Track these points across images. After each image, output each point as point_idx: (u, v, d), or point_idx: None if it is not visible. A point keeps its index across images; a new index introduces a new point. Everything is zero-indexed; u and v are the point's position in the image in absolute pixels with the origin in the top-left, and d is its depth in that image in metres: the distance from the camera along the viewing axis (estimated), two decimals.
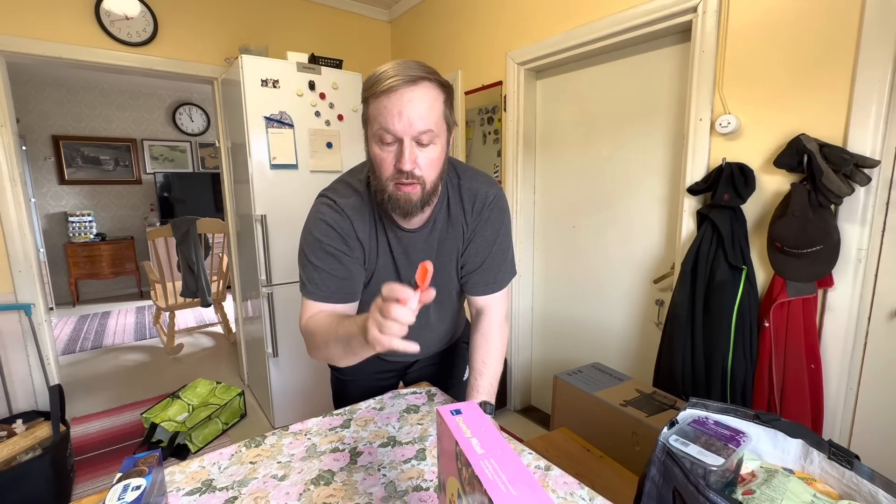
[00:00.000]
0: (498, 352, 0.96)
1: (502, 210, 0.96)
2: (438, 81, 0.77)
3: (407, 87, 0.73)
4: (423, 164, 0.78)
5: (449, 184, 0.92)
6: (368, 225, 0.90)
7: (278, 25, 2.77)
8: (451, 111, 0.82)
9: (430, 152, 0.78)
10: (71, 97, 4.84)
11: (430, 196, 0.82)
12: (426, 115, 0.75)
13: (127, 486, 0.62)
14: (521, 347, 2.51)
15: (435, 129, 0.76)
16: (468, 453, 0.43)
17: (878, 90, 1.18)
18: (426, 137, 0.76)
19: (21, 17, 2.08)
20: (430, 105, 0.75)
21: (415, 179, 0.78)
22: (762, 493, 0.61)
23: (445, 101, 0.79)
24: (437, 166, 0.81)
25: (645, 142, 1.87)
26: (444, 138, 0.81)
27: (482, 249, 0.95)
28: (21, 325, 2.21)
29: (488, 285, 0.97)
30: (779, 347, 1.38)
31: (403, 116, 0.74)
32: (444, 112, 0.79)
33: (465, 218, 0.93)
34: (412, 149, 0.76)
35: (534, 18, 2.13)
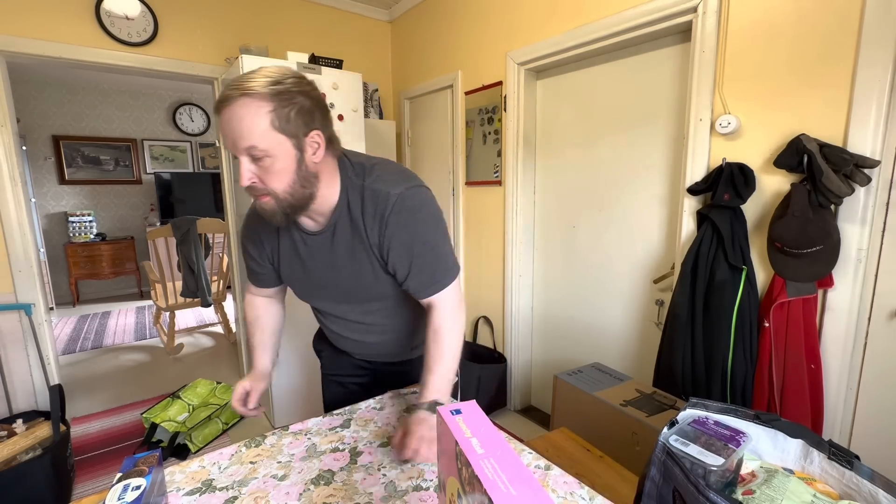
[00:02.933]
0: (448, 347, 0.91)
1: (413, 209, 0.87)
2: (264, 93, 0.73)
3: (225, 107, 0.74)
4: (263, 178, 0.78)
5: (350, 186, 0.88)
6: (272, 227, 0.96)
7: (278, 25, 2.77)
8: (300, 115, 0.77)
9: (266, 165, 0.76)
10: (71, 97, 4.83)
11: (292, 206, 0.82)
12: (245, 133, 0.73)
13: (127, 486, 0.62)
14: (521, 347, 2.51)
15: (260, 143, 0.74)
16: (468, 453, 0.43)
17: (879, 90, 1.18)
18: (255, 153, 0.75)
19: (21, 17, 2.08)
20: (249, 121, 0.73)
21: (261, 192, 0.79)
22: (762, 493, 0.61)
23: (275, 109, 0.74)
24: (283, 178, 0.78)
25: (645, 142, 1.87)
26: (286, 148, 0.77)
27: (404, 255, 0.89)
28: (21, 324, 2.21)
29: (428, 288, 0.91)
30: (779, 347, 1.38)
31: (228, 137, 0.75)
32: (274, 122, 0.74)
33: (364, 221, 0.88)
34: (246, 165, 0.76)
35: (534, 18, 2.13)
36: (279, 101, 0.74)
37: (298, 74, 0.79)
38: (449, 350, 0.91)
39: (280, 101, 0.74)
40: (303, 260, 0.96)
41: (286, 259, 0.99)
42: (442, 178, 2.90)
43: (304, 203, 0.84)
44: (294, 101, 0.76)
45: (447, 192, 2.85)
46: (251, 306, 1.10)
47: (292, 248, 0.96)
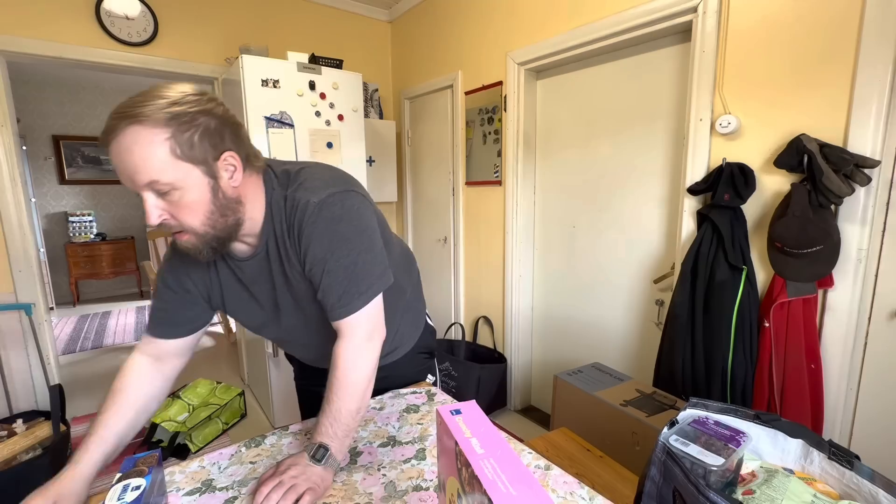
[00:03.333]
0: (343, 386, 0.77)
1: (332, 219, 0.76)
2: (157, 118, 0.62)
3: (112, 140, 0.63)
4: (174, 213, 0.67)
5: (274, 200, 0.79)
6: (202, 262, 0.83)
7: (278, 25, 2.77)
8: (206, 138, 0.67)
9: (174, 199, 0.66)
10: (71, 97, 4.84)
11: (217, 239, 0.72)
12: (142, 167, 0.63)
13: (127, 486, 0.62)
14: (521, 347, 2.51)
15: (162, 177, 0.64)
16: (468, 453, 0.43)
17: (879, 90, 1.18)
18: (158, 187, 0.65)
19: (21, 17, 2.08)
20: (143, 153, 0.62)
21: (176, 229, 0.69)
22: (762, 493, 0.61)
23: (174, 135, 0.63)
24: (197, 211, 0.68)
25: (645, 142, 1.87)
26: (195, 177, 0.67)
27: (317, 271, 0.78)
28: (21, 324, 2.21)
29: (335, 310, 0.79)
30: (779, 347, 1.38)
31: (122, 174, 0.64)
32: (174, 150, 0.64)
33: (287, 234, 0.79)
34: (151, 202, 0.66)
35: (534, 19, 2.13)
36: (177, 125, 0.64)
37: (198, 91, 0.68)
38: (348, 389, 0.78)
39: (179, 126, 0.64)
40: (247, 287, 0.86)
41: (230, 289, 0.86)
42: (442, 178, 2.90)
43: (229, 233, 0.74)
44: (196, 123, 0.66)
45: (447, 192, 2.85)
46: (127, 371, 0.83)
47: (232, 276, 0.85)
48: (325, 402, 0.78)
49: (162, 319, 0.86)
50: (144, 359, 0.85)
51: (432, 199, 3.04)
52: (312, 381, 1.15)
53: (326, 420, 0.77)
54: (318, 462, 0.73)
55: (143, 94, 0.64)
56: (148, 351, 0.86)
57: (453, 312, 2.93)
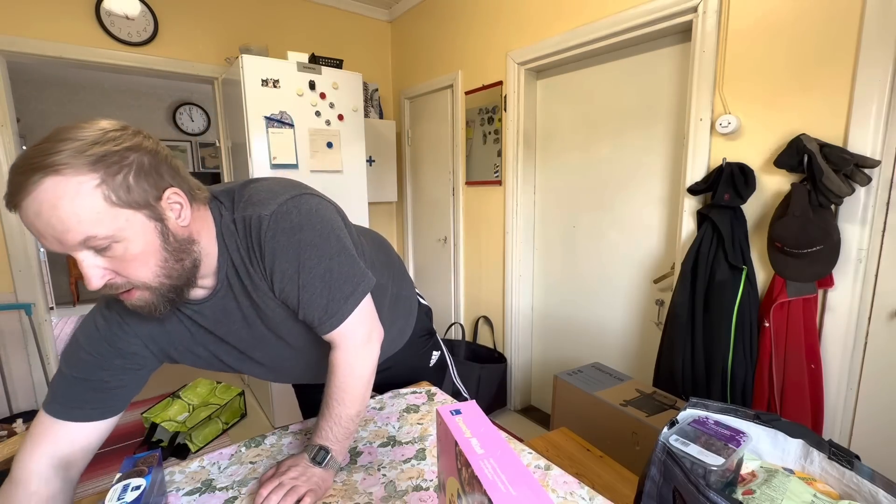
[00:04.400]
0: (342, 391, 0.75)
1: (291, 230, 0.68)
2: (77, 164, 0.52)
3: (24, 199, 0.51)
4: (119, 270, 0.58)
5: (225, 227, 0.69)
6: None
7: (278, 25, 2.77)
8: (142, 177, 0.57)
9: (119, 254, 0.56)
10: (71, 97, 4.84)
11: (175, 288, 0.63)
12: (73, 224, 0.52)
13: (127, 486, 0.62)
14: (521, 347, 2.51)
15: (99, 230, 0.54)
16: (468, 453, 0.43)
17: (879, 90, 1.18)
18: (95, 243, 0.54)
19: (21, 17, 2.08)
20: (70, 208, 0.51)
21: (125, 288, 0.59)
22: (762, 493, 0.61)
23: (105, 180, 0.53)
24: (147, 262, 0.59)
25: (645, 142, 1.87)
26: (139, 223, 0.57)
27: (291, 289, 0.71)
28: (21, 324, 2.21)
29: (323, 323, 0.73)
30: (779, 347, 1.38)
31: (46, 237, 0.53)
32: (109, 196, 0.54)
33: (247, 259, 0.70)
34: (88, 262, 0.55)
35: (534, 18, 2.13)
36: (105, 167, 0.54)
37: (116, 125, 0.58)
38: (348, 394, 0.75)
39: (107, 168, 0.54)
40: (211, 332, 0.76)
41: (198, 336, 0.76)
42: (442, 178, 2.90)
43: (188, 279, 0.65)
44: (126, 163, 0.55)
45: (447, 191, 2.85)
46: (19, 492, 0.63)
47: (192, 323, 0.75)
48: (324, 405, 0.76)
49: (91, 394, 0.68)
50: (51, 470, 0.65)
51: (432, 199, 3.04)
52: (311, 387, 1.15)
53: (326, 424, 0.75)
54: (319, 464, 0.73)
55: (49, 140, 0.53)
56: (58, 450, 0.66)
57: (453, 312, 2.93)
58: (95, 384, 0.69)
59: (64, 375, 0.69)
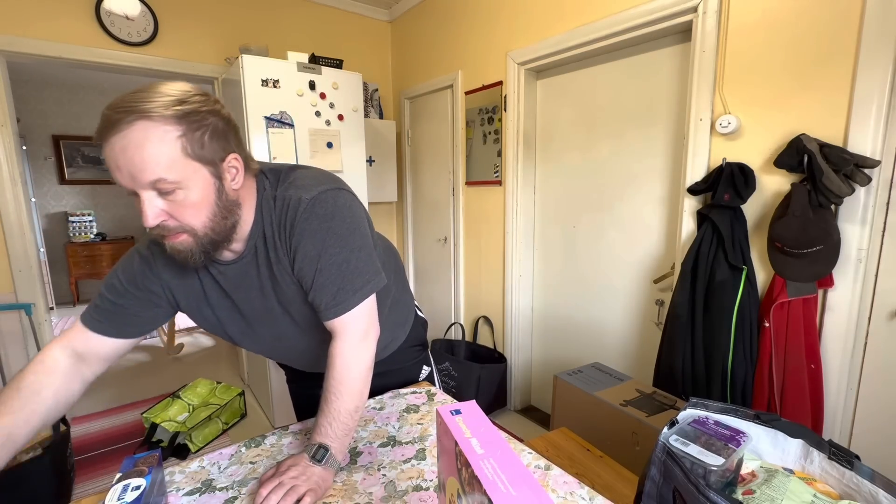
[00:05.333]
0: (340, 385, 0.76)
1: (325, 216, 0.75)
2: (167, 115, 0.61)
3: (115, 134, 0.59)
4: (175, 214, 0.65)
5: (265, 200, 0.77)
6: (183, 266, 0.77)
7: (278, 25, 2.77)
8: (214, 138, 0.66)
9: (178, 199, 0.64)
10: (71, 97, 4.84)
11: (213, 242, 0.70)
12: (149, 164, 0.60)
13: (127, 486, 0.62)
14: (521, 347, 2.51)
15: (170, 175, 0.62)
16: (468, 453, 0.43)
17: (879, 90, 1.18)
18: (163, 186, 0.62)
19: (21, 17, 2.08)
20: (153, 150, 0.60)
21: (175, 231, 0.66)
22: (762, 493, 0.61)
23: (185, 133, 0.62)
24: (201, 212, 0.67)
25: (645, 142, 1.87)
26: (202, 177, 0.66)
27: (309, 270, 0.76)
28: (21, 324, 2.21)
29: (329, 309, 0.77)
30: (779, 347, 1.38)
31: (122, 170, 0.61)
32: (186, 148, 0.63)
33: (277, 234, 0.77)
34: (151, 202, 0.63)
35: (534, 18, 2.13)
36: (188, 123, 0.63)
37: (202, 91, 0.68)
38: (346, 388, 0.77)
39: (190, 124, 0.63)
40: (228, 294, 0.82)
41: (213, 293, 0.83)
42: (442, 178, 2.90)
43: (226, 236, 0.72)
44: (206, 123, 0.65)
45: (447, 191, 2.85)
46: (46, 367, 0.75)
47: (213, 283, 0.82)
48: (322, 402, 0.77)
49: (113, 314, 0.79)
50: (67, 357, 0.77)
51: (432, 199, 3.04)
52: (306, 384, 1.14)
53: (325, 420, 0.76)
54: (319, 462, 0.73)
55: (145, 90, 0.62)
56: (76, 346, 0.78)
57: (453, 312, 2.93)
58: (118, 307, 0.80)
59: (101, 294, 0.81)
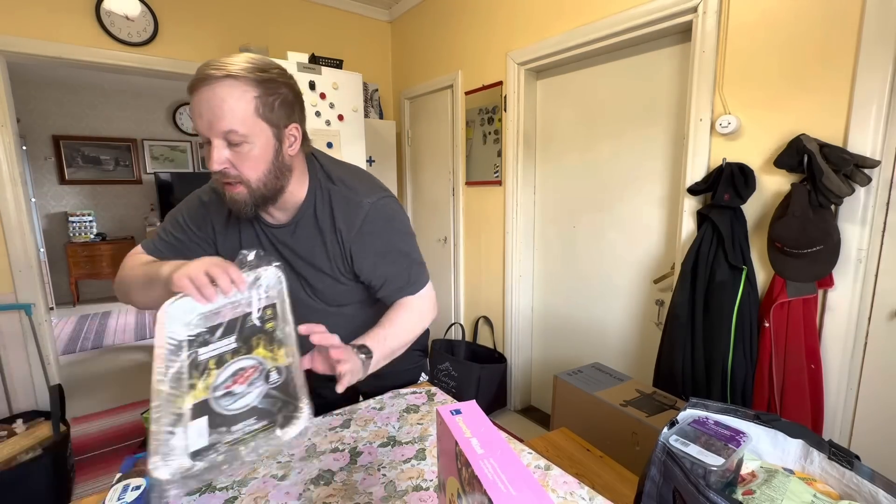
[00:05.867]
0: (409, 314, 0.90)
1: (388, 218, 0.90)
2: (249, 78, 0.72)
3: (205, 86, 0.70)
4: (237, 164, 0.75)
5: (318, 188, 0.89)
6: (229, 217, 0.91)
7: (278, 25, 2.77)
8: (283, 106, 0.77)
9: (243, 151, 0.74)
10: (71, 97, 4.83)
11: (264, 197, 0.80)
12: (226, 115, 0.71)
13: (127, 486, 0.62)
14: (521, 347, 2.51)
15: (241, 128, 0.72)
16: (468, 453, 0.43)
17: (879, 90, 1.18)
18: (233, 137, 0.73)
19: (21, 17, 2.08)
20: (232, 104, 0.71)
21: (233, 179, 0.76)
22: (762, 493, 0.61)
23: (260, 96, 0.73)
24: (258, 166, 0.77)
25: (645, 142, 1.87)
26: (266, 136, 0.76)
27: (378, 264, 0.90)
28: (21, 324, 2.21)
29: (402, 290, 0.92)
30: (779, 347, 1.38)
31: (203, 118, 0.72)
32: (258, 108, 0.74)
33: (335, 225, 0.88)
34: (219, 149, 0.73)
35: (534, 19, 2.13)
36: (265, 88, 0.74)
37: (281, 66, 0.79)
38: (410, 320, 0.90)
39: (266, 89, 0.74)
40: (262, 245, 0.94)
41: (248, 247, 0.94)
42: (442, 178, 2.90)
43: (275, 195, 0.82)
44: (279, 92, 0.76)
45: (447, 192, 2.85)
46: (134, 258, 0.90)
47: (255, 238, 0.93)
48: (385, 319, 0.87)
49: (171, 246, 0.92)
50: None
51: (432, 199, 3.04)
52: None
53: (383, 332, 0.85)
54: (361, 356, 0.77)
55: (236, 56, 0.73)
56: None
57: (453, 312, 2.93)
58: (177, 240, 0.93)
59: (163, 227, 0.94)
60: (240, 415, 0.57)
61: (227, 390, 0.58)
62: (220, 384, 0.58)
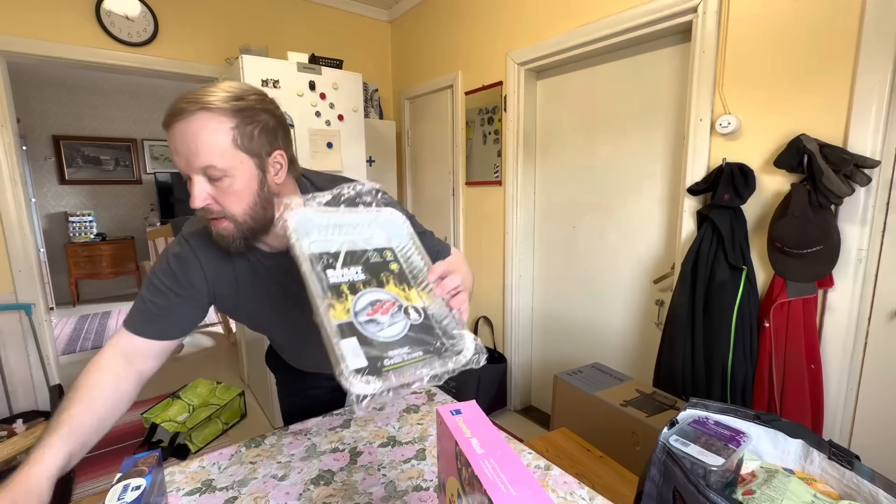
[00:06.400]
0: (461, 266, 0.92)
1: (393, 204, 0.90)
2: (224, 108, 0.68)
3: (178, 122, 0.67)
4: (220, 199, 0.71)
5: None
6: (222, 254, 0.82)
7: (278, 25, 2.77)
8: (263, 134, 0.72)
9: (224, 186, 0.70)
10: (71, 97, 4.84)
11: (252, 230, 0.75)
12: (202, 150, 0.67)
13: (127, 486, 0.62)
14: (521, 347, 2.51)
15: (220, 162, 0.68)
16: (468, 453, 0.43)
17: (879, 90, 1.18)
18: (213, 172, 0.68)
19: (21, 17, 2.08)
20: (207, 137, 0.67)
21: (217, 214, 0.72)
22: (762, 493, 0.61)
23: (237, 126, 0.69)
24: (243, 199, 0.72)
25: (645, 142, 1.87)
26: (248, 168, 0.71)
27: None
28: (21, 324, 2.21)
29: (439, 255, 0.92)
30: (779, 348, 1.38)
31: (180, 154, 0.68)
32: (236, 139, 0.69)
33: None
34: (200, 186, 0.69)
35: (534, 19, 2.13)
36: (242, 117, 0.69)
37: (260, 91, 0.75)
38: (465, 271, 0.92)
39: (243, 118, 0.70)
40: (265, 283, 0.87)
41: (246, 283, 0.86)
42: (442, 178, 2.90)
43: (264, 226, 0.77)
44: (258, 119, 0.71)
45: (447, 192, 2.85)
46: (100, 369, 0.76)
47: (250, 271, 0.86)
48: None
49: (156, 316, 0.80)
50: (119, 358, 0.78)
51: (432, 199, 3.04)
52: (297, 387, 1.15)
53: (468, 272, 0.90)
54: None
55: (210, 87, 0.70)
56: (126, 349, 0.79)
57: None
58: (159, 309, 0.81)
59: (141, 297, 0.82)
60: (392, 343, 0.55)
61: (370, 318, 0.57)
62: (361, 311, 0.57)
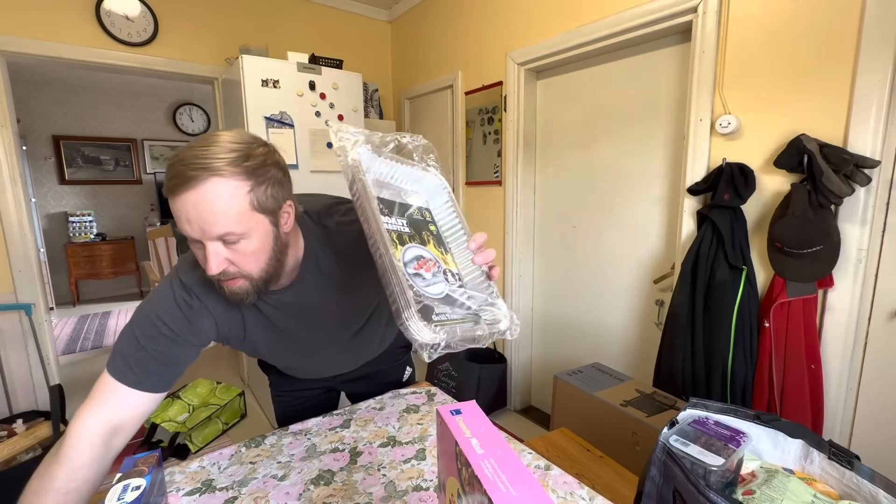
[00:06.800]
0: None
1: None
2: (237, 172, 0.62)
3: (187, 191, 0.60)
4: (236, 261, 0.67)
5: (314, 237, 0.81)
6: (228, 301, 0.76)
7: (278, 25, 2.77)
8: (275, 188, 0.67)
9: (240, 248, 0.66)
10: (71, 97, 4.83)
11: (265, 282, 0.72)
12: (220, 219, 0.62)
13: (127, 486, 0.62)
14: (521, 347, 2.51)
15: (237, 228, 0.63)
16: (468, 453, 0.43)
17: (879, 90, 1.18)
18: (231, 238, 0.64)
19: (21, 17, 2.08)
20: (223, 206, 0.61)
21: (234, 276, 0.68)
22: (762, 493, 0.61)
23: (253, 189, 0.64)
24: (260, 257, 0.68)
25: (645, 142, 1.87)
26: (263, 226, 0.67)
27: None
28: (21, 324, 2.21)
29: None
30: (779, 348, 1.38)
31: (193, 224, 0.62)
32: (253, 202, 0.64)
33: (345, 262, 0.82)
34: (216, 253, 0.64)
35: (534, 19, 2.13)
36: (255, 178, 0.64)
37: (261, 140, 0.69)
38: None
39: (257, 178, 0.64)
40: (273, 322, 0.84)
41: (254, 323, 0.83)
42: None
43: (277, 275, 0.74)
44: (269, 176, 0.66)
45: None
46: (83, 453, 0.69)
47: (258, 312, 0.82)
48: None
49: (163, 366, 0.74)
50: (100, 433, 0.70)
51: None
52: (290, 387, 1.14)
53: None
54: None
55: (211, 145, 0.62)
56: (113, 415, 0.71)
57: None
58: (166, 358, 0.74)
59: (140, 345, 0.72)
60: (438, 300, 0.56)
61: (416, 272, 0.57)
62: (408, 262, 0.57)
